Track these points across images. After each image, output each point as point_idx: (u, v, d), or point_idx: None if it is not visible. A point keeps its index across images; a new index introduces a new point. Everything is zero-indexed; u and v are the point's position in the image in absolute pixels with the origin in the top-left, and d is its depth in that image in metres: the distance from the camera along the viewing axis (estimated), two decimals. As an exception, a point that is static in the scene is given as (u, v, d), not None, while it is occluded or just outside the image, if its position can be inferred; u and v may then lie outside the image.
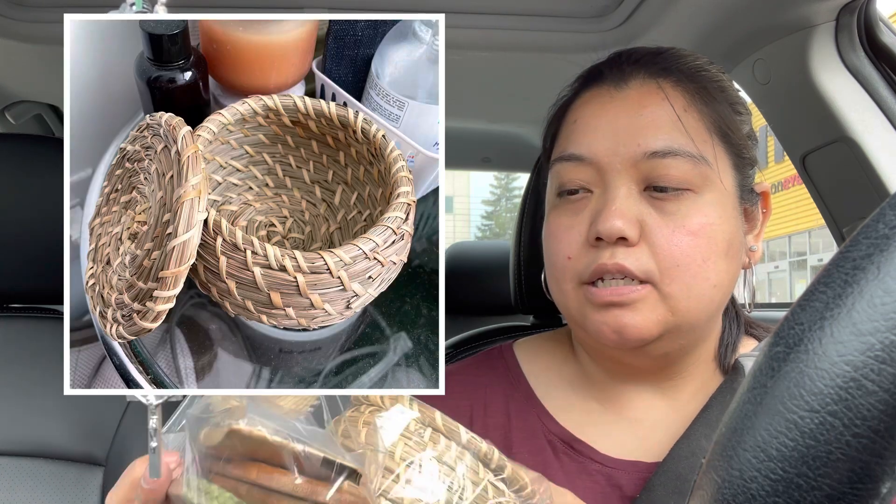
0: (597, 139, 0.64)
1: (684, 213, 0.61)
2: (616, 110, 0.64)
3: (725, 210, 0.63)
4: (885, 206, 0.28)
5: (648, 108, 0.63)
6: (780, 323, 0.29)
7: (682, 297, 0.61)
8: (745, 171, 0.66)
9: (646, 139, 0.62)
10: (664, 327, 0.62)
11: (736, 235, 0.64)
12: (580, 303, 0.64)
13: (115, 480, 0.48)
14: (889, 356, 0.25)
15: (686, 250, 0.61)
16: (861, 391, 0.25)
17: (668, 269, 0.61)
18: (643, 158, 0.62)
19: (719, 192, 0.63)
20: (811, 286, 0.28)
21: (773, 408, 0.27)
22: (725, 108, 0.66)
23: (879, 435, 0.25)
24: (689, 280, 0.61)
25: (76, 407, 1.03)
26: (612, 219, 0.61)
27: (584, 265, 0.63)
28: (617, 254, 0.61)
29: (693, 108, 0.64)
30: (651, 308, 0.61)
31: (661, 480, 0.63)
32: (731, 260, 0.64)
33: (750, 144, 0.67)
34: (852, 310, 0.26)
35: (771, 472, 0.27)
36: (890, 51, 1.01)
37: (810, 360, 0.27)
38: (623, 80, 0.66)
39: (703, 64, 0.68)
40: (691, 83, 0.65)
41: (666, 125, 0.62)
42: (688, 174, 0.62)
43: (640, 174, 0.62)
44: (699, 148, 0.62)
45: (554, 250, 0.66)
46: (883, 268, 0.26)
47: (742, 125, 0.67)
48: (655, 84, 0.64)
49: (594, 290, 0.62)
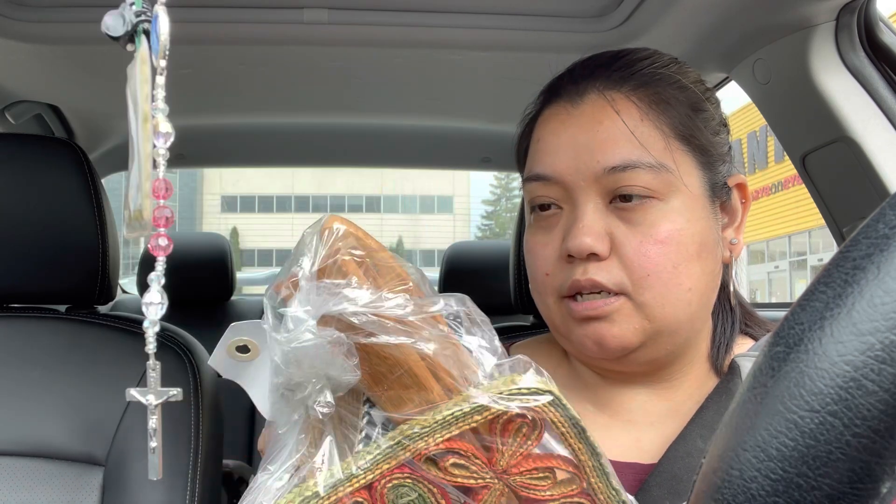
0: (559, 158, 0.65)
1: (651, 222, 0.63)
2: (574, 128, 0.65)
3: (693, 212, 0.64)
4: (885, 206, 0.28)
5: (604, 124, 0.64)
6: (780, 323, 0.29)
7: (657, 305, 0.62)
8: (715, 168, 0.67)
9: (604, 155, 0.63)
10: (644, 335, 0.63)
11: (708, 235, 0.65)
12: (563, 316, 0.66)
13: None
14: (889, 356, 0.25)
15: (655, 259, 0.62)
16: (861, 391, 0.25)
17: (640, 279, 0.62)
18: (604, 174, 0.63)
19: (685, 195, 0.64)
20: (811, 286, 0.28)
21: (773, 408, 0.27)
22: (684, 109, 0.66)
23: (879, 435, 0.25)
24: (661, 288, 0.62)
25: (76, 407, 1.03)
26: (581, 237, 0.62)
27: (560, 281, 0.65)
28: (589, 269, 0.63)
29: (648, 118, 0.64)
30: (627, 318, 0.63)
31: (656, 481, 0.63)
32: (706, 260, 0.64)
33: (718, 140, 0.68)
34: (852, 310, 0.26)
35: (771, 472, 0.27)
36: (890, 51, 1.01)
37: (810, 360, 0.27)
38: (578, 96, 0.67)
39: (659, 66, 0.68)
40: (646, 89, 0.66)
41: (621, 140, 0.63)
42: (650, 184, 0.63)
43: (604, 188, 0.63)
44: (657, 157, 0.63)
45: (533, 266, 0.68)
46: (883, 268, 0.26)
47: (706, 122, 0.67)
48: (605, 100, 0.65)
49: (573, 304, 0.64)
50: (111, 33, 0.42)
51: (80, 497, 1.00)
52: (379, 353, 0.44)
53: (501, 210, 39.58)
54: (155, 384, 0.46)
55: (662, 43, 1.04)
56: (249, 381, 0.50)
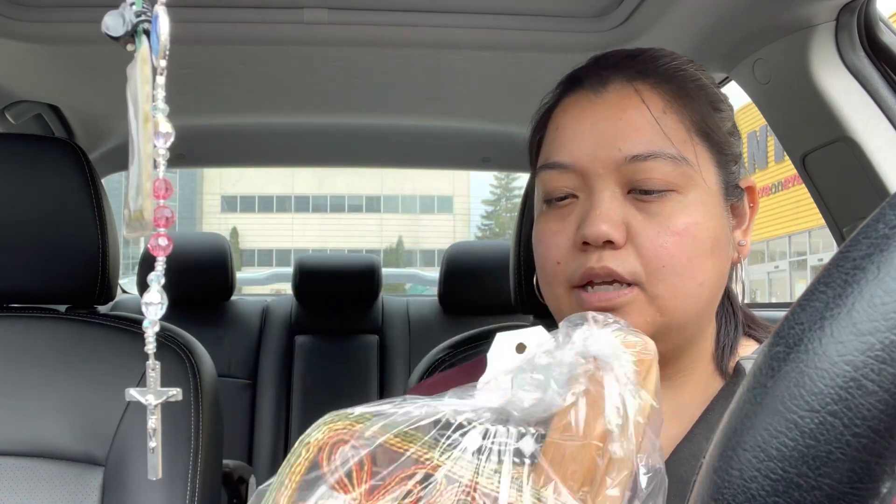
0: (579, 145, 0.65)
1: (668, 214, 0.62)
2: (596, 116, 0.65)
3: (710, 208, 0.64)
4: (885, 206, 0.28)
5: (627, 112, 0.64)
6: (780, 323, 0.29)
7: (670, 297, 0.62)
8: (729, 168, 0.67)
9: (626, 143, 0.63)
10: (654, 328, 0.63)
11: (722, 233, 0.65)
12: (573, 307, 0.65)
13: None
14: (889, 356, 0.25)
15: (672, 250, 0.62)
16: (861, 391, 0.25)
17: (655, 270, 0.62)
18: (625, 162, 0.63)
19: (703, 190, 0.64)
20: (811, 286, 0.28)
21: (773, 408, 0.27)
22: (705, 106, 0.66)
23: (879, 435, 0.25)
24: (675, 280, 0.62)
25: (76, 407, 1.03)
26: (598, 223, 0.62)
27: (573, 269, 0.64)
28: (604, 257, 0.62)
29: (671, 110, 0.64)
30: (640, 310, 0.62)
31: None
32: (718, 258, 0.64)
33: (732, 141, 0.68)
34: (852, 310, 0.26)
35: (771, 472, 0.27)
36: (890, 51, 1.01)
37: (810, 360, 0.27)
38: (601, 84, 0.66)
39: (681, 64, 0.68)
40: (669, 84, 0.66)
41: (645, 128, 0.63)
42: (670, 175, 0.62)
43: (623, 178, 0.63)
44: (679, 149, 0.63)
45: (543, 255, 0.67)
46: (883, 268, 0.26)
47: (723, 122, 0.67)
48: (632, 88, 0.65)
49: (585, 295, 0.63)
50: (111, 33, 0.42)
51: (80, 497, 1.00)
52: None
53: (501, 210, 39.58)
54: (155, 384, 0.46)
55: (662, 43, 1.04)
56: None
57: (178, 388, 0.46)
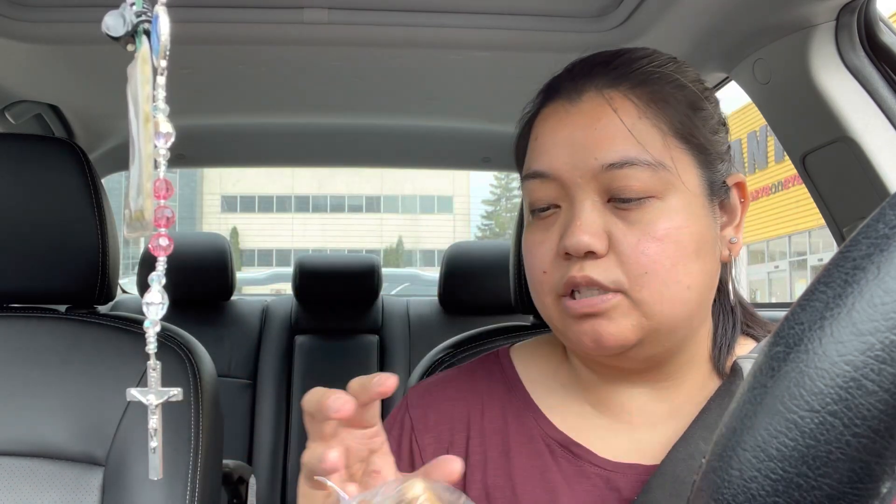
0: (557, 155, 0.65)
1: (648, 221, 0.63)
2: (572, 125, 0.66)
3: (692, 210, 0.64)
4: (885, 206, 0.28)
5: (601, 122, 0.64)
6: (780, 323, 0.29)
7: (655, 303, 0.62)
8: (714, 167, 0.67)
9: (601, 152, 0.63)
10: (641, 332, 0.63)
11: (707, 233, 0.65)
12: (560, 314, 0.66)
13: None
14: (889, 356, 0.25)
15: (653, 257, 0.62)
16: (861, 391, 0.25)
17: (637, 276, 0.62)
18: (602, 171, 0.63)
19: (683, 193, 0.64)
20: (811, 286, 0.28)
21: (773, 408, 0.27)
22: (683, 108, 0.66)
23: (879, 435, 0.25)
24: (659, 286, 0.62)
25: (76, 407, 1.03)
26: (578, 234, 0.62)
27: (557, 278, 0.65)
28: (585, 266, 0.63)
29: (646, 116, 0.64)
30: (624, 315, 0.63)
31: (659, 483, 0.63)
32: (704, 259, 0.64)
33: (717, 139, 0.68)
34: (852, 310, 0.26)
35: (771, 472, 0.27)
36: (890, 51, 1.01)
37: (810, 360, 0.27)
38: (577, 94, 0.67)
39: (659, 64, 0.68)
40: (644, 87, 0.66)
41: (619, 137, 0.63)
42: (647, 182, 0.63)
43: (602, 186, 0.63)
44: (656, 155, 0.63)
45: (530, 265, 0.68)
46: (883, 268, 0.26)
47: (705, 121, 0.67)
48: (604, 98, 0.65)
49: (570, 302, 0.64)
50: (111, 33, 0.42)
51: (80, 497, 1.00)
52: None
53: (501, 210, 39.60)
54: (155, 384, 0.46)
55: (662, 43, 1.04)
56: None
57: (178, 388, 0.46)
